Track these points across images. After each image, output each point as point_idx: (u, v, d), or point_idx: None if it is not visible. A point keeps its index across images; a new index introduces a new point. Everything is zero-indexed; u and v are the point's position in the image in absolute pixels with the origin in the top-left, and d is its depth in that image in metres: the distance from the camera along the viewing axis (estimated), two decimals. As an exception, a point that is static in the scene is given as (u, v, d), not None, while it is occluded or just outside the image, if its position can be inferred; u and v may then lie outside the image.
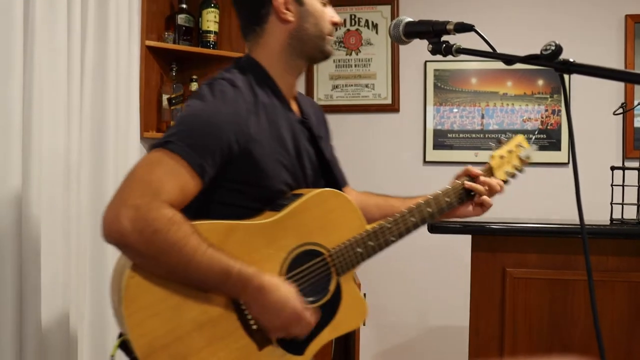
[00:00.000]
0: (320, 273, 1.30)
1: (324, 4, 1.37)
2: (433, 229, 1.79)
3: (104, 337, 2.15)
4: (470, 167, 1.53)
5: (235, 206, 1.28)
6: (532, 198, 3.01)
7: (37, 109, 1.83)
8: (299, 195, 1.30)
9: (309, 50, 1.36)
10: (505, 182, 1.55)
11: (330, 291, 1.31)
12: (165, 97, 2.66)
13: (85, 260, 2.12)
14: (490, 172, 1.54)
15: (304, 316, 1.21)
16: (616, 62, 3.10)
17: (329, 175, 1.47)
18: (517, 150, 1.58)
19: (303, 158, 1.36)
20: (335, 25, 1.39)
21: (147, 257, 1.10)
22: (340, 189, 1.51)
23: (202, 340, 1.17)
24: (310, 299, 1.28)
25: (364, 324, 1.49)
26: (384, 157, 3.27)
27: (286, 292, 1.20)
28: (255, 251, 1.22)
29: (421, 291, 3.24)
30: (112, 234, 1.08)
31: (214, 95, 1.24)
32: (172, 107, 2.65)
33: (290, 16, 1.32)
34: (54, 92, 1.92)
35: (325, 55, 1.40)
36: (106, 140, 2.17)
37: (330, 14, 1.38)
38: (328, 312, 1.30)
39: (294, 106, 1.42)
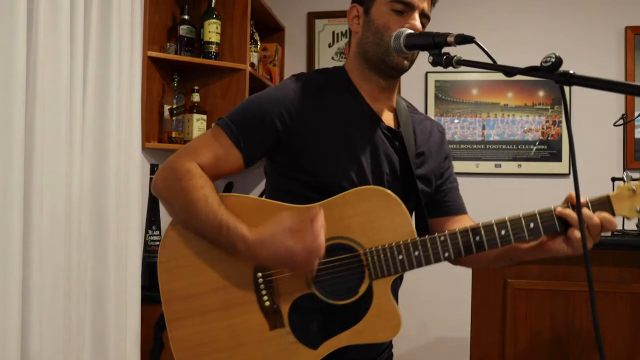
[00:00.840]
0: (350, 270, 1.22)
1: (400, 11, 1.27)
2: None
3: (104, 345, 2.14)
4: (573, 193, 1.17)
5: (294, 194, 1.28)
6: (532, 209, 3.01)
7: (40, 118, 1.83)
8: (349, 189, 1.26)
9: (370, 60, 1.32)
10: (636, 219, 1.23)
11: (359, 293, 1.21)
12: (167, 107, 2.66)
13: (87, 272, 2.12)
14: (606, 203, 1.19)
15: (298, 261, 1.16)
16: (616, 74, 3.11)
17: (416, 191, 1.35)
18: None
19: (381, 163, 1.30)
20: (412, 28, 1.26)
21: (169, 203, 1.26)
22: (446, 214, 1.44)
23: (218, 303, 1.23)
24: (335, 295, 1.21)
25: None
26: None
27: (273, 246, 1.16)
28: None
29: (423, 302, 3.23)
30: (152, 186, 1.29)
31: (273, 87, 1.34)
32: (173, 118, 2.65)
33: (357, 27, 1.35)
34: (56, 102, 1.93)
35: (387, 65, 1.30)
36: (108, 151, 2.17)
37: (406, 22, 1.27)
38: (353, 314, 1.22)
39: (387, 116, 1.37)
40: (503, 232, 1.19)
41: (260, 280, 1.23)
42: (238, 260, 1.22)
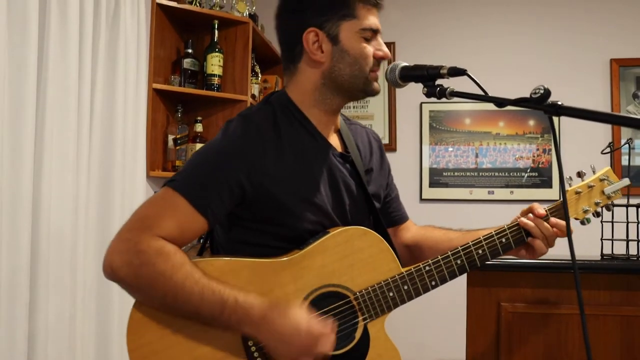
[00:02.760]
0: (344, 317, 1.19)
1: (368, 38, 1.22)
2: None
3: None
4: (536, 204, 1.30)
5: (260, 246, 1.20)
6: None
7: (48, 148, 1.89)
8: (327, 233, 1.20)
9: (347, 91, 1.25)
10: (584, 221, 1.33)
11: (355, 337, 1.19)
12: (171, 137, 2.73)
13: (91, 296, 2.15)
14: (561, 209, 1.29)
15: (322, 337, 1.09)
16: (602, 104, 3.21)
17: (375, 212, 1.33)
18: (601, 186, 1.34)
19: (342, 194, 1.26)
20: (380, 59, 1.25)
21: (139, 290, 1.08)
22: (393, 225, 1.46)
23: None
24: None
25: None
26: (381, 195, 3.33)
27: (296, 314, 1.09)
28: (270, 292, 1.13)
29: (418, 325, 3.25)
30: (106, 268, 1.08)
31: (226, 134, 1.20)
32: (177, 147, 2.71)
33: (321, 57, 1.22)
34: (64, 131, 1.98)
35: (368, 94, 1.27)
36: (113, 179, 2.22)
37: (376, 47, 1.24)
38: None
39: (335, 140, 1.31)
40: (480, 251, 1.25)
41: (253, 348, 1.13)
42: (220, 333, 1.10)
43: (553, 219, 1.28)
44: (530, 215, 1.28)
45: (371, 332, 1.21)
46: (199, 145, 2.72)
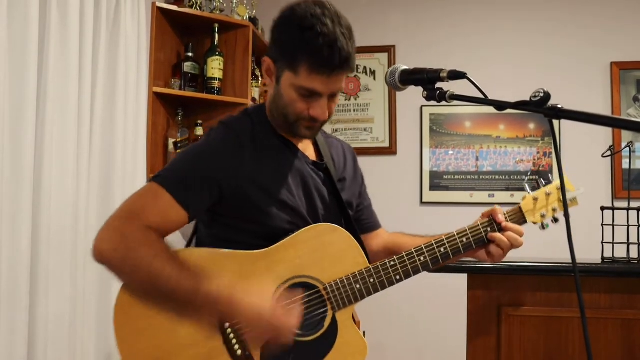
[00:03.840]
0: (313, 306, 1.28)
1: (305, 95, 1.24)
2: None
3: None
4: (497, 208, 1.39)
5: (239, 243, 1.27)
6: (525, 237, 3.06)
7: (48, 151, 1.90)
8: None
9: (280, 125, 1.33)
10: (543, 225, 1.42)
11: (324, 326, 1.28)
12: (171, 140, 2.73)
13: (91, 299, 2.15)
14: (519, 213, 1.40)
15: (283, 328, 1.16)
16: (603, 107, 3.21)
17: (347, 217, 1.42)
18: (558, 193, 1.43)
19: (314, 199, 1.35)
20: (313, 118, 1.27)
21: (124, 273, 1.17)
22: (365, 232, 1.53)
23: None
24: (303, 332, 1.25)
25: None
26: (382, 198, 3.31)
27: (262, 301, 1.15)
28: (246, 280, 1.21)
29: (419, 329, 3.25)
30: (95, 253, 1.16)
31: (208, 138, 1.30)
32: (177, 151, 2.71)
33: (269, 84, 1.31)
34: (64, 135, 1.99)
35: (297, 136, 1.34)
36: (113, 182, 2.23)
37: (312, 106, 1.25)
38: (322, 347, 1.27)
39: (309, 150, 1.40)
40: (442, 249, 1.33)
41: (229, 330, 1.21)
42: (200, 316, 1.17)
43: (509, 224, 1.36)
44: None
45: (339, 321, 1.29)
46: (199, 149, 2.71)
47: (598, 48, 3.30)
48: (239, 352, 1.22)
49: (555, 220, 1.43)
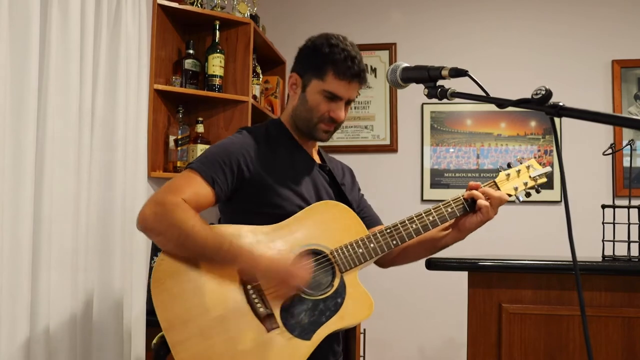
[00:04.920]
0: (323, 268, 1.47)
1: (329, 98, 1.56)
2: (431, 266, 1.83)
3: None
4: (471, 182, 1.61)
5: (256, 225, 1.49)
6: (526, 235, 3.07)
7: (49, 148, 1.89)
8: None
9: (302, 128, 1.63)
10: (515, 198, 1.63)
11: (334, 286, 1.47)
12: (172, 138, 2.73)
13: (92, 295, 2.15)
14: (494, 186, 1.61)
15: (295, 273, 1.39)
16: (604, 105, 3.21)
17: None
18: (528, 172, 1.64)
19: (322, 194, 1.60)
20: (332, 119, 1.58)
21: (160, 233, 1.39)
22: (368, 228, 1.67)
23: (215, 320, 1.36)
24: (316, 291, 1.44)
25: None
26: (382, 196, 3.34)
27: (273, 255, 1.41)
28: (265, 247, 1.44)
29: (420, 326, 3.26)
30: (139, 221, 1.41)
31: (231, 137, 1.61)
32: (178, 148, 2.72)
33: (293, 96, 1.63)
34: (65, 132, 1.99)
35: (314, 139, 1.64)
36: (114, 180, 2.23)
37: (332, 108, 1.57)
38: (334, 304, 1.45)
39: (314, 156, 1.70)
40: (431, 217, 1.55)
41: (251, 291, 1.40)
42: (226, 280, 1.39)
43: (484, 188, 1.58)
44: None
45: (346, 281, 1.48)
46: (200, 146, 2.72)
47: (599, 46, 3.30)
48: (261, 309, 1.38)
49: (527, 194, 1.65)
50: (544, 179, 1.66)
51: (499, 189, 1.60)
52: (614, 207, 1.95)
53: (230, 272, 1.41)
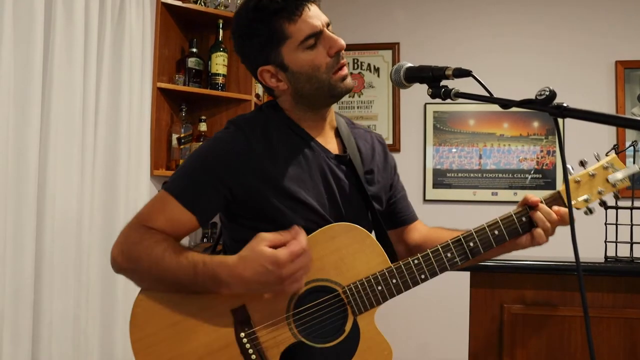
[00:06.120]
0: (333, 311, 1.22)
1: (312, 45, 1.23)
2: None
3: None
4: (529, 194, 1.27)
5: None
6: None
7: (53, 146, 1.90)
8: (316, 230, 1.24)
9: (318, 101, 1.29)
10: (588, 211, 1.28)
11: (346, 331, 1.22)
12: (175, 136, 2.74)
13: (96, 296, 2.16)
14: (558, 199, 1.26)
15: (284, 269, 1.10)
16: (607, 106, 3.20)
17: (373, 211, 1.35)
18: (605, 173, 1.28)
19: (335, 195, 1.29)
20: (337, 56, 1.25)
21: (133, 271, 1.20)
22: (400, 225, 1.48)
23: None
24: (323, 338, 1.20)
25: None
26: (384, 196, 3.34)
27: (256, 260, 1.11)
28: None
29: (422, 326, 3.26)
30: (111, 264, 1.22)
31: (215, 140, 1.28)
32: (181, 146, 2.72)
33: (283, 85, 1.28)
34: (69, 130, 2.00)
35: (338, 97, 1.29)
36: (118, 177, 2.23)
37: (326, 47, 1.24)
38: (344, 354, 1.21)
39: (331, 143, 1.35)
40: (471, 244, 1.24)
41: (245, 340, 1.18)
42: (218, 324, 1.18)
43: (543, 206, 1.25)
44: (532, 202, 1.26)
45: (361, 325, 1.22)
46: (202, 145, 2.72)
47: (602, 47, 3.29)
48: None
49: (603, 203, 1.29)
50: (627, 183, 1.28)
51: (563, 202, 1.26)
52: (616, 208, 1.94)
53: (220, 316, 1.19)
